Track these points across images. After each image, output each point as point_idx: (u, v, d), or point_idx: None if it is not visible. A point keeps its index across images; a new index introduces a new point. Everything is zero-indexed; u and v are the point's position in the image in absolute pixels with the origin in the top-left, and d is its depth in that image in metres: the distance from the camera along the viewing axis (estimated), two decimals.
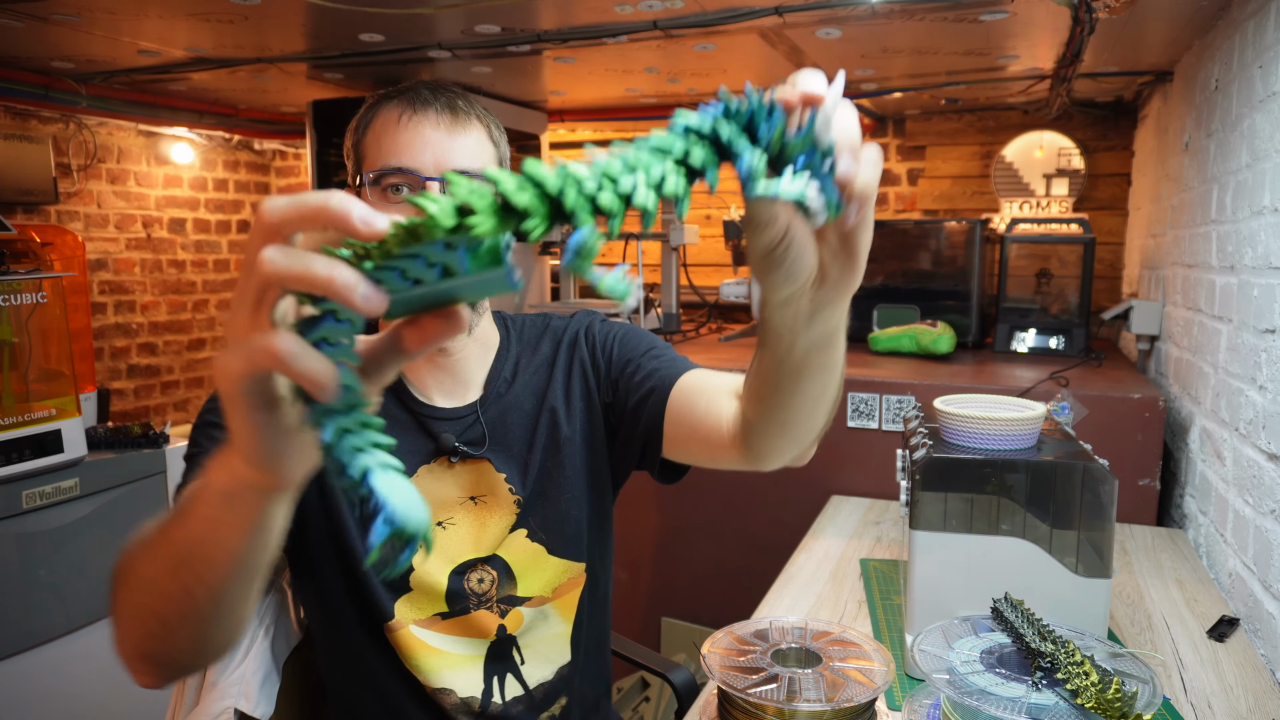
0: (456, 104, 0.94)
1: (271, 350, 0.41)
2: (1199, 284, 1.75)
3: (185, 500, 0.58)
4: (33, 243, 2.05)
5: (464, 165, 0.92)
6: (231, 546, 0.56)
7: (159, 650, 0.66)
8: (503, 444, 1.02)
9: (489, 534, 1.00)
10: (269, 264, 0.41)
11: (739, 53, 2.26)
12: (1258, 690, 1.07)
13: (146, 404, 3.90)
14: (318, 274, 0.40)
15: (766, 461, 0.87)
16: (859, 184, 0.46)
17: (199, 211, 4.08)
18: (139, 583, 0.63)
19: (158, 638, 0.64)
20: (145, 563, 0.62)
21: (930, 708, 0.90)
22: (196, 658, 0.67)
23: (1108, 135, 3.03)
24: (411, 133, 0.91)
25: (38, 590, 1.74)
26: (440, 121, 0.92)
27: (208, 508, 0.55)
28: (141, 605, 0.63)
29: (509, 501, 1.01)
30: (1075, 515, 1.05)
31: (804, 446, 0.84)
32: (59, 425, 1.76)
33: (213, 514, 0.55)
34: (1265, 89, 1.36)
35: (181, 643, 0.64)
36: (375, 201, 0.92)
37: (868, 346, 2.46)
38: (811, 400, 0.73)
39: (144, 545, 0.63)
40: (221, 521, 0.54)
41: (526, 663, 1.01)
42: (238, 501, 0.53)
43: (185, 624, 0.62)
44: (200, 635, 0.64)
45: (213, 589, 0.59)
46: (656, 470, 1.04)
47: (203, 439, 0.91)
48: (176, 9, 1.92)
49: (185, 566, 0.58)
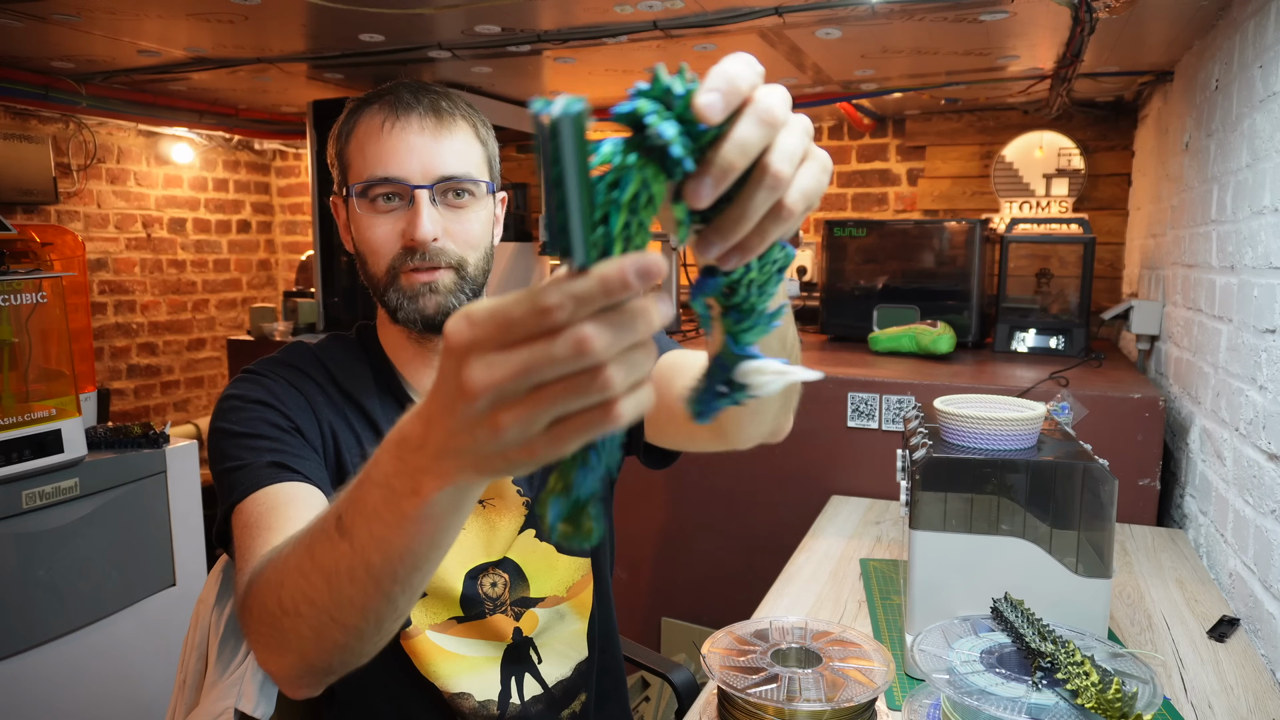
0: (440, 105, 0.91)
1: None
2: (1199, 284, 1.75)
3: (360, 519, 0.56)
4: (33, 243, 2.05)
5: (453, 170, 0.90)
6: (447, 541, 0.56)
7: (345, 660, 0.65)
8: None
9: (499, 536, 0.99)
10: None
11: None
12: (1258, 690, 1.07)
13: (146, 404, 3.90)
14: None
15: (735, 439, 0.84)
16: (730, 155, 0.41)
17: (199, 211, 4.08)
18: (316, 606, 0.61)
19: (348, 650, 0.64)
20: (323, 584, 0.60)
21: (930, 708, 0.90)
22: (372, 653, 0.67)
23: (1108, 135, 3.03)
24: (396, 140, 0.88)
25: (38, 590, 1.73)
26: (425, 125, 0.89)
27: (426, 522, 0.53)
28: (325, 625, 0.62)
29: (517, 503, 1.00)
30: (1075, 515, 1.05)
31: (769, 421, 0.82)
32: (59, 425, 1.76)
33: (431, 525, 0.53)
34: (1265, 89, 1.36)
35: (370, 647, 0.65)
36: (364, 213, 0.90)
37: (868, 346, 2.46)
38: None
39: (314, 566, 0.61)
40: (441, 526, 0.54)
41: (544, 661, 1.01)
42: (464, 500, 0.53)
43: (380, 628, 0.62)
44: (388, 633, 0.64)
45: (415, 588, 0.59)
46: (642, 454, 1.03)
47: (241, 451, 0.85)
48: (176, 9, 1.92)
49: (390, 579, 0.57)
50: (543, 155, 0.37)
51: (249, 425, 0.87)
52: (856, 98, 2.87)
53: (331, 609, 0.61)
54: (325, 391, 0.96)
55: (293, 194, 4.49)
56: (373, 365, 1.00)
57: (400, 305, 0.91)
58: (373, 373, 0.99)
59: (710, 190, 0.40)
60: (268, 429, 0.87)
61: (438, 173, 0.89)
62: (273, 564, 0.67)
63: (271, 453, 0.85)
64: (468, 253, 0.92)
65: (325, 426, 0.93)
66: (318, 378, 0.96)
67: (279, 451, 0.85)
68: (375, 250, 0.91)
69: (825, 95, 2.82)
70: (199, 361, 4.16)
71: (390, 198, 0.89)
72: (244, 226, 4.35)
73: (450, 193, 0.91)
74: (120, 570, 1.90)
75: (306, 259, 3.55)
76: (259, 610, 0.66)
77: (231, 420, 0.89)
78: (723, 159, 0.40)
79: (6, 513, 1.68)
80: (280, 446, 0.86)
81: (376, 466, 0.54)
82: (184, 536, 2.04)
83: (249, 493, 0.81)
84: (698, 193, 0.40)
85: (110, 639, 1.87)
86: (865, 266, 2.71)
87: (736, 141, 0.40)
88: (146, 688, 1.93)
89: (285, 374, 0.95)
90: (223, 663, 0.99)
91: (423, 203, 0.88)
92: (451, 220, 0.91)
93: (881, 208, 3.40)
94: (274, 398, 0.91)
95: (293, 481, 0.82)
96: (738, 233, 0.43)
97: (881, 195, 3.40)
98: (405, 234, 0.89)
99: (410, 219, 0.88)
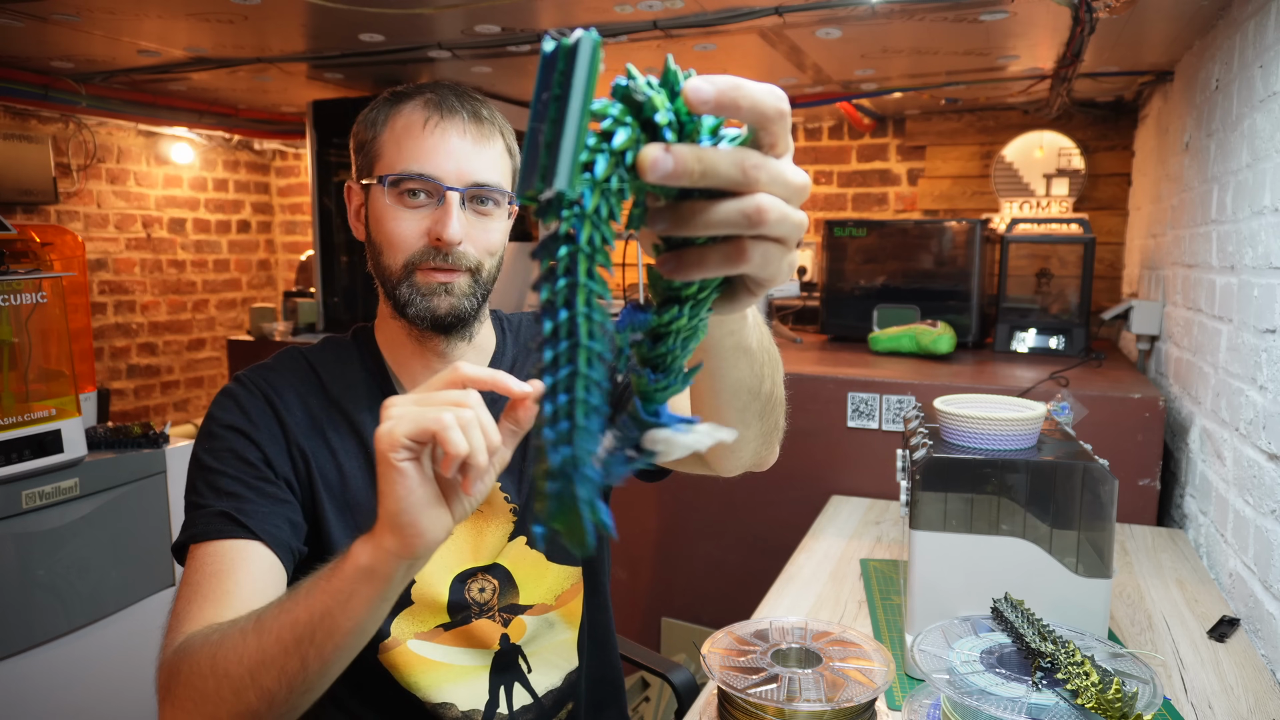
0: (481, 113, 0.92)
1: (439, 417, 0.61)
2: (1199, 284, 1.75)
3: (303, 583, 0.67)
4: (33, 243, 2.05)
5: (485, 178, 0.91)
6: (359, 617, 0.65)
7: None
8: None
9: (487, 542, 0.99)
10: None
11: (739, 53, 2.26)
12: (1258, 690, 1.07)
13: (146, 404, 3.90)
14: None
15: (721, 466, 0.88)
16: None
17: (199, 211, 4.08)
18: (243, 664, 0.68)
19: (258, 715, 0.69)
20: (247, 647, 0.68)
21: (930, 708, 0.90)
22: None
23: (1108, 135, 3.03)
24: (437, 139, 0.89)
25: (37, 590, 1.73)
26: (467, 130, 0.90)
27: (341, 582, 0.63)
28: (244, 686, 0.68)
29: (505, 510, 1.00)
30: (1075, 515, 1.05)
31: (749, 456, 0.85)
32: (59, 425, 1.76)
33: (346, 588, 0.64)
34: (1266, 89, 1.36)
35: (283, 714, 0.70)
36: (391, 204, 0.91)
37: (868, 346, 2.46)
38: (732, 389, 0.74)
39: (240, 632, 0.69)
40: (354, 594, 0.63)
41: (534, 671, 1.00)
42: (376, 573, 0.63)
43: (292, 695, 0.68)
44: (302, 704, 0.70)
45: (327, 660, 0.67)
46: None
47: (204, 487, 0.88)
48: (176, 9, 1.92)
49: (306, 642, 0.65)
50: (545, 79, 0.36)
51: (216, 457, 0.89)
52: (856, 98, 2.87)
53: (256, 668, 0.68)
54: (307, 405, 0.95)
55: (293, 194, 4.49)
56: (366, 368, 0.99)
57: (412, 301, 0.91)
58: (365, 376, 0.99)
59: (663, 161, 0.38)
60: (234, 463, 0.88)
61: (471, 178, 0.90)
62: (218, 629, 0.73)
63: (230, 497, 0.86)
64: (485, 259, 0.93)
65: (296, 452, 0.92)
66: (304, 389, 0.96)
67: (236, 497, 0.86)
68: (395, 243, 0.91)
69: (825, 95, 2.82)
70: (199, 361, 4.16)
71: (417, 194, 0.90)
72: (244, 226, 4.35)
73: (478, 199, 0.92)
74: (120, 570, 1.90)
75: (306, 259, 3.55)
76: (188, 669, 0.72)
77: (204, 448, 0.91)
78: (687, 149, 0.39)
79: (6, 513, 1.68)
80: (239, 489, 0.87)
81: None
82: None
83: (199, 539, 0.84)
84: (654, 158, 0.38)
85: (110, 639, 1.87)
86: (865, 266, 2.71)
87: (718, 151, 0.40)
88: (146, 688, 1.93)
89: (268, 388, 0.94)
90: None
91: (454, 205, 0.89)
92: (475, 226, 0.92)
93: (881, 208, 3.40)
94: (248, 421, 0.91)
95: (240, 540, 0.84)
96: (688, 223, 0.42)
97: (881, 195, 3.40)
98: (432, 232, 0.90)
99: (439, 218, 0.89)
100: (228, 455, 0.89)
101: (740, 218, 0.42)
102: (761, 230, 0.42)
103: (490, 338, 1.05)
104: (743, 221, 0.42)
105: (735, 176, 0.41)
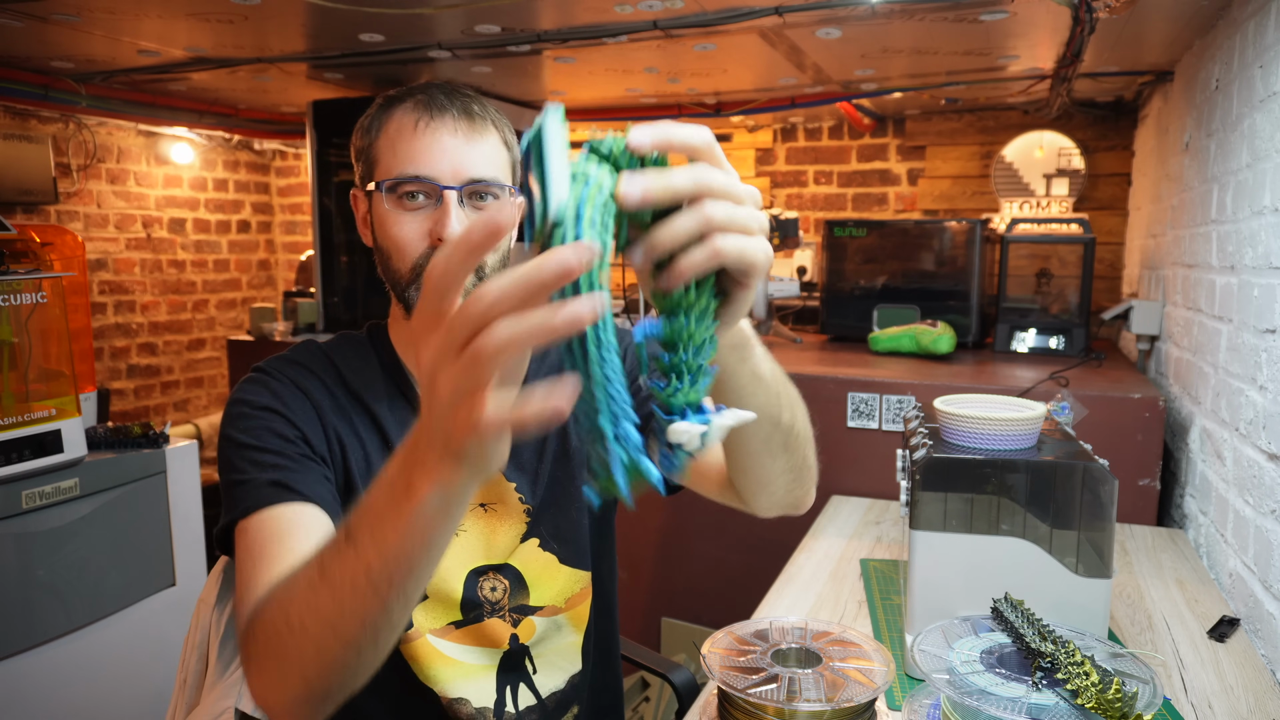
0: (472, 109, 0.93)
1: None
2: (1199, 284, 1.75)
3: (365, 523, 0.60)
4: (33, 243, 2.05)
5: (481, 173, 0.91)
6: (440, 547, 0.60)
7: (343, 682, 0.66)
8: (513, 452, 0.99)
9: (500, 541, 0.99)
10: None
11: (739, 53, 2.26)
12: (1258, 690, 1.07)
13: (146, 404, 3.90)
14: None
15: (756, 504, 0.93)
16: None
17: (199, 211, 4.08)
18: (320, 618, 0.64)
19: (346, 668, 0.65)
20: (320, 601, 0.63)
21: (930, 708, 0.90)
22: (367, 676, 0.68)
23: (1108, 135, 3.03)
24: (429, 139, 0.89)
25: (37, 590, 1.73)
26: (458, 128, 0.91)
27: (419, 520, 0.57)
28: (326, 639, 0.64)
29: (519, 510, 1.00)
30: (1075, 515, 1.05)
31: (780, 493, 0.91)
32: (59, 425, 1.76)
33: (423, 524, 0.57)
34: (1266, 89, 1.36)
35: (366, 665, 0.66)
36: (391, 209, 0.91)
37: (868, 346, 2.46)
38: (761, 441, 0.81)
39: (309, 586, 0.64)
40: (433, 527, 0.57)
41: (539, 672, 1.01)
42: (453, 503, 0.57)
43: (377, 641, 0.64)
44: (383, 650, 0.66)
45: (410, 597, 0.62)
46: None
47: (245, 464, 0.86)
48: (176, 9, 1.92)
49: (384, 585, 0.60)
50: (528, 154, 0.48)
51: (254, 435, 0.87)
52: (856, 97, 2.87)
53: (335, 620, 0.62)
54: (333, 394, 0.95)
55: (293, 194, 4.49)
56: (383, 364, 1.00)
57: None
58: (383, 372, 0.99)
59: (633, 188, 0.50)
60: (273, 440, 0.87)
61: (467, 175, 0.90)
62: (282, 585, 0.69)
63: (275, 469, 0.85)
64: (490, 256, 0.93)
65: (331, 433, 0.92)
66: (326, 379, 0.96)
67: (282, 469, 0.85)
68: (400, 247, 0.91)
69: (825, 95, 2.82)
70: (199, 361, 4.16)
71: (416, 196, 0.90)
72: (244, 226, 4.35)
73: (476, 195, 0.92)
74: (120, 570, 1.90)
75: (306, 259, 3.55)
76: (265, 632, 0.68)
77: (238, 428, 0.89)
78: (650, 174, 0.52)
79: (6, 513, 1.68)
80: (283, 462, 0.86)
81: (384, 472, 0.59)
82: (184, 536, 2.04)
83: (251, 511, 0.82)
84: (625, 188, 0.50)
85: (110, 639, 1.87)
86: (865, 266, 2.71)
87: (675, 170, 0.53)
88: (146, 688, 1.93)
89: (294, 375, 0.94)
90: (223, 663, 0.99)
91: (452, 203, 0.89)
92: None
93: (881, 208, 3.40)
94: (280, 403, 0.90)
95: (294, 503, 0.83)
96: (660, 245, 0.53)
97: (881, 195, 3.40)
98: (433, 233, 0.90)
99: (439, 218, 0.89)
100: (265, 433, 0.88)
101: (697, 222, 0.53)
102: (718, 225, 0.53)
103: None
104: (702, 224, 0.53)
105: (690, 186, 0.53)
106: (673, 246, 0.53)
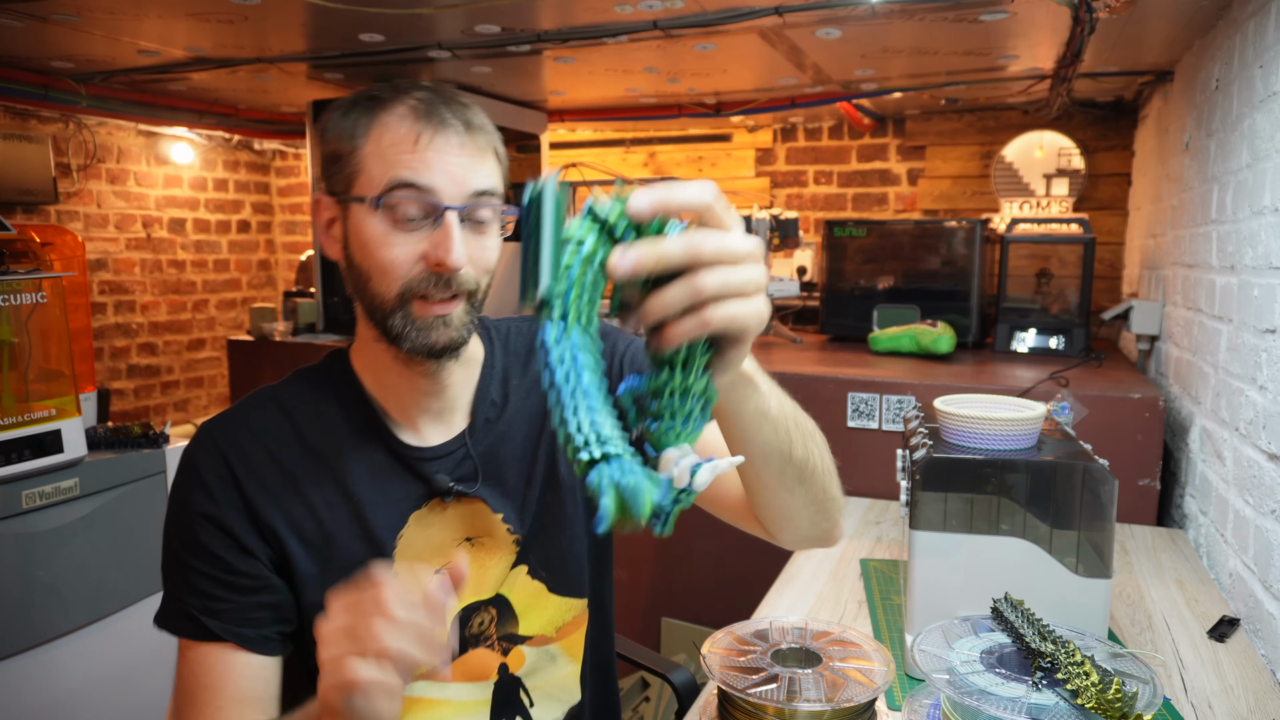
0: (474, 122, 0.85)
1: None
2: (1199, 284, 1.75)
3: None
4: (33, 243, 2.05)
5: (481, 186, 0.83)
6: None
7: None
8: (497, 480, 0.94)
9: (490, 575, 0.94)
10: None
11: (739, 53, 2.26)
12: (1258, 690, 1.07)
13: (146, 404, 3.90)
14: None
15: (781, 536, 0.94)
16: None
17: (199, 211, 4.09)
18: None
19: None
20: None
21: (930, 708, 0.90)
22: None
23: (1108, 135, 3.03)
24: (432, 155, 0.81)
25: (37, 590, 1.73)
26: (464, 145, 0.83)
27: None
28: None
29: (507, 541, 0.95)
30: (1075, 515, 1.05)
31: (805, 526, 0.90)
32: (59, 425, 1.76)
33: None
34: (1266, 89, 1.36)
35: None
36: (382, 227, 0.81)
37: (868, 346, 2.46)
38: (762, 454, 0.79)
39: None
40: None
41: (536, 705, 0.96)
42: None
43: None
44: None
45: None
46: None
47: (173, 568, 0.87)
48: (176, 9, 1.92)
49: None
50: (526, 216, 0.51)
51: (187, 547, 0.86)
52: (856, 97, 2.87)
53: None
54: (279, 462, 0.88)
55: (292, 194, 4.49)
56: (344, 404, 0.91)
57: (407, 335, 0.84)
58: (343, 414, 0.91)
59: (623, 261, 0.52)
60: (203, 557, 0.85)
61: (469, 189, 0.83)
62: None
63: (199, 595, 0.84)
64: (482, 278, 0.87)
65: (264, 524, 0.86)
66: (274, 442, 0.89)
67: (205, 595, 0.84)
68: (386, 270, 0.82)
69: (825, 95, 2.82)
70: (199, 361, 4.16)
71: (410, 215, 0.81)
72: (244, 226, 4.35)
73: (475, 211, 0.84)
74: (120, 570, 1.90)
75: (306, 259, 3.55)
76: None
77: (173, 530, 0.87)
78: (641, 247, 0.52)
79: (6, 513, 1.68)
80: (208, 587, 0.84)
81: None
82: None
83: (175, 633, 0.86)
84: (614, 261, 0.52)
85: (110, 639, 1.87)
86: (865, 266, 2.71)
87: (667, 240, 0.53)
88: (146, 688, 1.93)
89: (228, 449, 0.87)
90: None
91: (454, 225, 0.81)
92: (473, 244, 0.84)
93: (881, 208, 3.40)
94: (212, 502, 0.86)
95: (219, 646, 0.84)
96: (651, 315, 0.54)
97: (881, 195, 3.40)
98: (430, 257, 0.81)
99: (439, 242, 0.81)
100: (197, 547, 0.85)
101: (687, 294, 0.53)
102: (709, 296, 0.53)
103: (478, 348, 0.98)
104: (691, 295, 0.53)
105: (681, 256, 0.53)
106: (663, 317, 0.54)
